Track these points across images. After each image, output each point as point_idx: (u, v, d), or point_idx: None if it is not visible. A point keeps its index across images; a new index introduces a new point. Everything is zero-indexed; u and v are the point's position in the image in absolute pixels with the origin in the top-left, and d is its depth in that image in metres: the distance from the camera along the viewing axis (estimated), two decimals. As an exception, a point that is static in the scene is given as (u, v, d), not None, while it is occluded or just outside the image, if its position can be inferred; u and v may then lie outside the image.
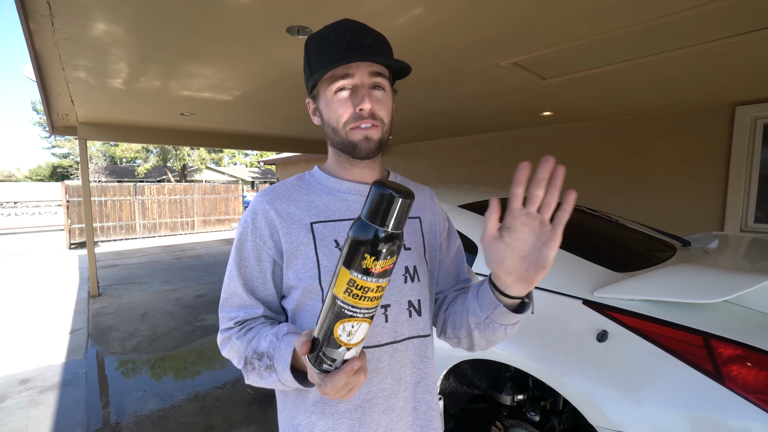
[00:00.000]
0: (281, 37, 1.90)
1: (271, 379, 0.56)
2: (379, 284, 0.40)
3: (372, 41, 0.60)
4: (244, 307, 0.64)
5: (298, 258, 0.61)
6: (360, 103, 0.58)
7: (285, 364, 0.53)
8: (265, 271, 0.63)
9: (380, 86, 0.61)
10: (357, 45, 0.58)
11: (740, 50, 1.98)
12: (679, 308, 1.12)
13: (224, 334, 0.64)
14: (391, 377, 0.62)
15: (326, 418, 0.60)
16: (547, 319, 1.31)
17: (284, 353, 0.54)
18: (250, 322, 0.63)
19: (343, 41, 0.58)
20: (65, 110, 3.97)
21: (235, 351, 0.62)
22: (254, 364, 0.58)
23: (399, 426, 0.63)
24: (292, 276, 0.62)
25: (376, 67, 0.60)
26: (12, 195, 9.39)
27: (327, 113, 0.62)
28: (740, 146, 3.24)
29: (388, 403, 0.62)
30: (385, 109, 0.62)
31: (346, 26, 0.60)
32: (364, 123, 0.60)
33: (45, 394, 2.48)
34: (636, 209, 3.86)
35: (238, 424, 2.15)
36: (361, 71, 0.59)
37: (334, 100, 0.61)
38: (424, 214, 0.73)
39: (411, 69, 0.62)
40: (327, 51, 0.59)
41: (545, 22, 1.70)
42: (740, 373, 0.95)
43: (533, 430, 1.43)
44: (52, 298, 4.65)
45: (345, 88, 0.59)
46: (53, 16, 1.69)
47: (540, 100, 3.24)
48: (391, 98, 0.64)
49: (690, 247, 1.89)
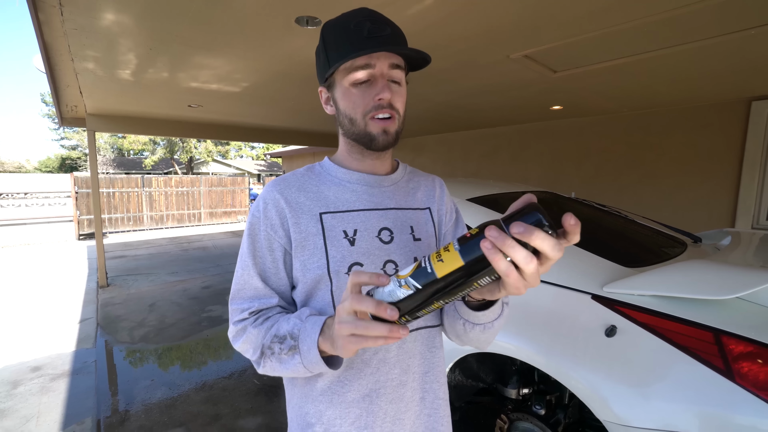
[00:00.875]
0: (290, 28, 1.89)
1: (293, 362, 0.55)
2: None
3: (391, 32, 0.59)
4: (258, 297, 0.62)
5: (306, 248, 0.61)
6: (380, 93, 0.58)
7: (312, 343, 0.53)
8: (277, 260, 0.63)
9: (397, 80, 0.61)
10: (377, 35, 0.58)
11: (758, 43, 1.93)
12: (689, 304, 1.11)
13: (238, 326, 0.62)
14: (399, 367, 0.62)
15: (334, 406, 0.61)
16: (555, 314, 1.31)
17: (311, 332, 0.54)
18: (265, 312, 0.62)
19: (363, 30, 0.58)
20: (74, 101, 4.00)
21: (250, 341, 0.60)
22: (274, 348, 0.57)
23: (407, 415, 0.63)
24: (300, 266, 0.62)
25: (395, 58, 0.60)
26: (22, 186, 9.52)
27: (344, 103, 0.62)
28: (755, 142, 3.18)
29: (396, 392, 0.62)
30: (401, 101, 0.62)
31: (365, 15, 0.59)
32: (383, 113, 0.60)
33: (56, 382, 2.53)
34: (646, 205, 3.82)
35: (245, 414, 2.18)
36: (381, 62, 0.59)
37: (353, 90, 0.60)
38: (434, 205, 0.73)
39: (431, 59, 0.62)
40: (346, 40, 0.58)
41: (558, 13, 1.67)
42: (751, 370, 0.94)
43: (538, 423, 1.43)
44: (61, 288, 4.73)
45: (364, 78, 0.59)
46: (62, 6, 1.69)
47: (550, 93, 3.20)
48: (406, 91, 0.64)
49: (701, 244, 1.86)
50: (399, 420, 0.62)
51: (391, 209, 0.67)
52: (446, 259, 0.40)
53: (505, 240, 0.36)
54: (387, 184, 0.69)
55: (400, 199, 0.69)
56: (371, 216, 0.65)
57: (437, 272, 0.40)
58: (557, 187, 4.26)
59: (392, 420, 0.62)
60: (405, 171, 0.73)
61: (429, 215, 0.71)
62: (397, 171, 0.71)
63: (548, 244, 0.35)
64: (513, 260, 0.37)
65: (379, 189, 0.68)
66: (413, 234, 0.67)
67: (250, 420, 2.13)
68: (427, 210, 0.71)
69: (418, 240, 0.67)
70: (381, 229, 0.64)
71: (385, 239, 0.64)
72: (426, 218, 0.70)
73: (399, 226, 0.66)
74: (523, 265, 0.36)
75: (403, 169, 0.73)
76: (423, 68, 0.64)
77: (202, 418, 2.14)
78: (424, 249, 0.67)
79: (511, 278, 0.37)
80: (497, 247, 0.36)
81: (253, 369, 2.66)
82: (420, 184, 0.74)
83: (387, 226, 0.65)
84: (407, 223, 0.67)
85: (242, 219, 11.79)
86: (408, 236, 0.66)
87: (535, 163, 4.87)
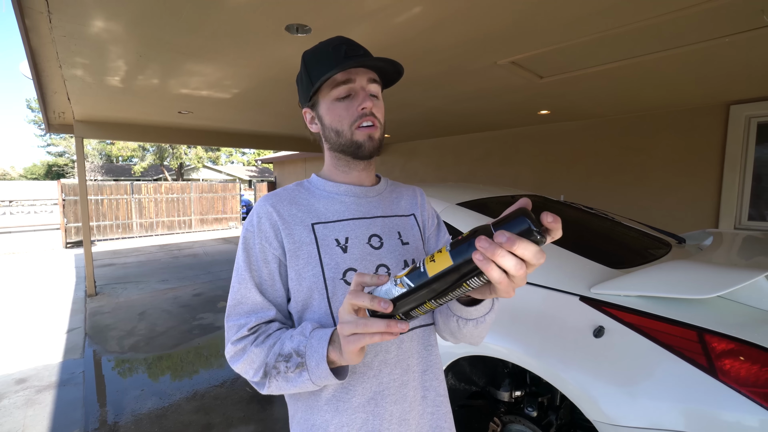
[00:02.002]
0: (280, 36, 1.90)
1: (301, 380, 0.56)
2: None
3: (365, 53, 0.66)
4: (255, 311, 0.63)
5: (300, 257, 0.63)
6: (362, 103, 0.64)
7: (320, 358, 0.54)
8: (273, 272, 0.64)
9: (375, 94, 0.67)
10: (354, 55, 0.64)
11: (735, 50, 2.00)
12: (674, 304, 1.14)
13: (237, 345, 0.61)
14: (400, 368, 0.65)
15: (340, 414, 0.61)
16: (544, 316, 1.33)
17: (318, 348, 0.55)
18: (264, 329, 0.62)
19: (341, 51, 0.64)
20: (62, 108, 3.95)
21: (251, 362, 0.60)
22: (279, 367, 0.57)
23: (411, 415, 0.65)
24: (296, 275, 0.63)
25: (372, 74, 0.66)
26: (7, 194, 9.32)
27: (330, 117, 0.66)
28: (734, 145, 3.27)
29: (399, 393, 0.64)
30: (381, 112, 0.68)
31: (341, 41, 0.66)
32: (367, 121, 0.65)
33: (42, 394, 2.48)
34: (635, 208, 3.89)
35: (237, 422, 2.16)
36: (360, 77, 0.65)
37: (337, 104, 0.65)
38: (417, 211, 0.77)
39: (404, 71, 0.68)
40: (327, 59, 0.64)
41: (544, 21, 1.71)
42: (733, 366, 0.97)
43: (531, 425, 1.45)
44: (48, 298, 4.63)
45: (346, 93, 0.65)
46: (51, 13, 1.68)
47: (538, 98, 3.26)
48: (383, 104, 0.70)
49: (685, 244, 1.91)
50: (404, 420, 0.64)
51: (378, 217, 0.71)
52: (438, 260, 0.43)
53: (496, 250, 0.38)
54: (372, 195, 0.73)
55: (386, 208, 0.73)
56: (360, 224, 0.68)
57: (429, 272, 0.43)
58: (548, 190, 4.33)
59: (398, 421, 0.63)
60: (387, 183, 0.78)
61: (414, 220, 0.75)
62: (380, 183, 0.76)
63: (530, 253, 0.37)
64: (503, 268, 0.39)
65: (366, 199, 0.72)
66: (401, 239, 0.70)
67: (243, 429, 2.10)
68: (411, 216, 0.76)
69: (407, 244, 0.71)
70: (371, 236, 0.67)
71: (375, 245, 0.67)
72: (411, 223, 0.75)
73: (387, 232, 0.70)
74: (513, 272, 0.38)
75: (385, 181, 0.78)
76: (397, 82, 0.71)
77: (194, 428, 2.11)
78: (413, 252, 0.70)
79: (503, 284, 0.40)
80: (488, 258, 0.38)
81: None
82: (402, 194, 0.79)
83: (376, 232, 0.68)
84: (395, 229, 0.71)
85: (233, 225, 11.69)
86: (396, 241, 0.70)
87: (526, 166, 4.94)
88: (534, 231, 0.38)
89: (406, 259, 0.68)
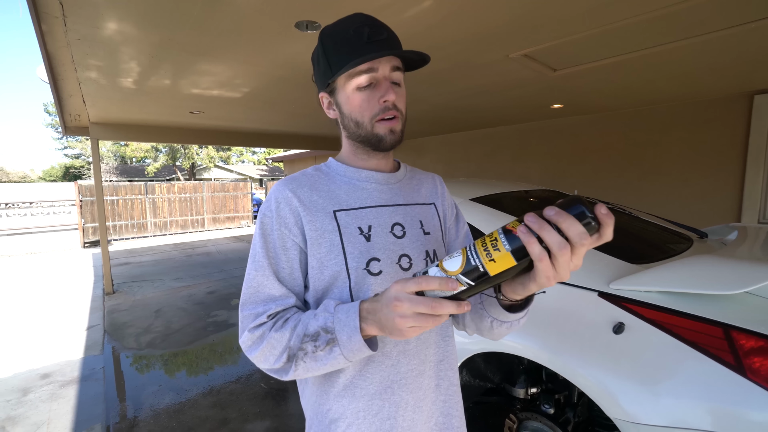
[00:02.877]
0: (290, 33, 1.90)
1: (332, 356, 0.55)
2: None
3: (388, 35, 0.61)
4: (274, 299, 0.60)
5: (323, 246, 0.61)
6: (385, 95, 0.60)
7: (352, 330, 0.53)
8: (291, 260, 0.62)
9: (398, 82, 0.63)
10: (376, 39, 0.60)
11: (759, 36, 1.92)
12: (697, 300, 1.11)
13: (255, 332, 0.58)
14: (418, 358, 0.64)
15: (357, 400, 0.61)
16: (562, 312, 1.30)
17: (348, 321, 0.53)
18: (282, 314, 0.60)
19: (363, 35, 0.59)
20: (77, 111, 4.04)
21: (272, 347, 0.57)
22: (307, 348, 0.55)
23: (424, 403, 0.65)
24: (317, 264, 0.61)
25: (395, 61, 0.62)
26: (27, 195, 9.61)
27: (349, 107, 0.63)
28: (759, 136, 3.16)
29: (416, 382, 0.64)
30: (403, 101, 0.64)
31: (363, 21, 0.61)
32: (389, 114, 0.62)
33: (65, 389, 2.55)
34: (649, 202, 3.80)
35: (253, 418, 2.19)
36: (383, 65, 0.60)
37: (357, 94, 0.61)
38: (438, 201, 0.76)
39: (429, 59, 0.63)
40: (347, 45, 0.60)
41: (557, 11, 1.67)
42: (764, 365, 0.93)
43: (548, 422, 1.42)
44: (68, 296, 4.75)
45: (368, 82, 0.61)
46: (66, 16, 1.71)
47: (550, 92, 3.19)
48: (405, 91, 0.66)
49: (707, 239, 1.85)
50: (418, 408, 0.64)
51: (401, 205, 0.69)
52: (498, 257, 0.41)
53: (542, 223, 0.37)
54: (394, 182, 0.71)
55: (408, 195, 0.71)
56: (383, 212, 0.66)
57: (490, 271, 0.42)
58: (560, 185, 4.25)
59: (413, 409, 0.64)
60: (407, 169, 0.76)
61: (435, 210, 0.74)
62: (400, 169, 0.74)
63: (575, 231, 0.36)
64: (547, 245, 0.38)
65: (388, 186, 0.69)
66: (423, 228, 0.69)
67: (258, 424, 2.13)
68: (432, 205, 0.74)
69: (428, 234, 0.69)
70: (394, 225, 0.66)
71: (398, 234, 0.65)
72: (432, 213, 0.73)
73: (409, 220, 0.68)
74: (555, 249, 0.37)
75: (404, 167, 0.76)
76: (420, 68, 0.66)
77: (211, 423, 2.14)
78: (433, 242, 0.69)
79: (543, 263, 0.39)
80: (533, 231, 0.38)
81: (260, 373, 2.67)
82: (422, 181, 0.76)
83: (398, 221, 0.67)
84: (417, 218, 0.69)
85: (245, 224, 11.82)
86: (418, 230, 0.68)
87: (537, 161, 4.86)
88: (587, 215, 0.37)
89: (427, 249, 0.67)
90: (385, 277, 0.62)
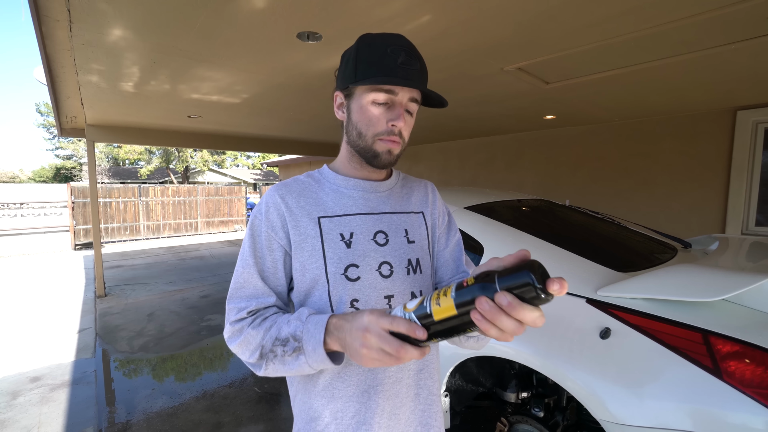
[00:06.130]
0: (292, 43, 1.95)
1: (297, 363, 0.58)
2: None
3: (419, 67, 0.64)
4: (256, 296, 0.65)
5: (305, 250, 0.65)
6: (395, 120, 0.63)
7: (317, 343, 0.56)
8: (276, 261, 0.66)
9: (411, 112, 0.66)
10: (408, 67, 0.62)
11: (742, 56, 2.02)
12: (679, 306, 1.16)
13: (235, 326, 0.64)
14: (396, 366, 0.65)
15: (335, 401, 0.64)
16: (551, 317, 1.35)
17: (314, 333, 0.56)
18: (262, 312, 0.65)
19: (398, 58, 0.61)
20: (74, 112, 4.04)
21: (248, 342, 0.62)
22: (276, 351, 0.59)
23: (402, 411, 0.67)
24: (300, 267, 0.65)
25: (416, 93, 0.65)
26: (17, 196, 9.47)
27: (358, 116, 0.65)
28: (741, 150, 3.28)
29: (393, 389, 0.66)
30: (408, 131, 0.68)
31: (403, 45, 0.63)
32: (392, 138, 0.65)
33: (56, 392, 2.53)
34: (640, 213, 3.89)
35: (247, 422, 2.19)
36: (404, 93, 0.63)
37: (371, 108, 0.64)
38: (427, 209, 0.77)
39: (447, 104, 0.67)
40: (380, 62, 0.61)
41: (551, 29, 1.75)
42: (738, 368, 0.99)
43: (538, 425, 1.46)
44: (59, 298, 4.70)
45: (384, 101, 0.63)
46: (72, 22, 1.74)
47: (543, 104, 3.28)
48: (414, 122, 0.69)
49: (691, 249, 1.92)
50: (395, 415, 0.66)
51: (386, 213, 0.71)
52: (443, 305, 0.45)
53: (495, 314, 0.39)
54: (383, 190, 0.73)
55: (395, 204, 0.73)
56: (367, 220, 0.68)
57: (434, 315, 0.46)
58: (553, 195, 4.34)
59: (389, 415, 0.65)
60: (399, 177, 0.78)
61: (422, 219, 0.75)
62: (391, 177, 0.76)
63: (530, 317, 0.39)
64: (501, 329, 0.41)
65: (375, 194, 0.72)
66: (407, 236, 0.71)
67: (252, 428, 2.13)
68: (420, 214, 0.75)
69: (412, 242, 0.71)
70: (376, 232, 0.68)
71: (380, 241, 0.67)
72: (420, 221, 0.74)
73: (394, 229, 0.70)
74: (511, 331, 0.41)
75: (396, 175, 0.77)
76: (434, 108, 0.70)
77: (204, 427, 2.14)
78: (417, 251, 0.71)
79: (501, 339, 0.43)
80: (487, 319, 0.40)
81: (254, 377, 2.67)
82: (413, 189, 0.78)
83: (382, 229, 0.69)
84: (402, 226, 0.71)
85: (239, 228, 11.77)
86: (402, 239, 0.70)
87: (531, 170, 4.95)
88: (537, 289, 0.38)
89: (410, 258, 0.69)
90: (364, 283, 0.65)
